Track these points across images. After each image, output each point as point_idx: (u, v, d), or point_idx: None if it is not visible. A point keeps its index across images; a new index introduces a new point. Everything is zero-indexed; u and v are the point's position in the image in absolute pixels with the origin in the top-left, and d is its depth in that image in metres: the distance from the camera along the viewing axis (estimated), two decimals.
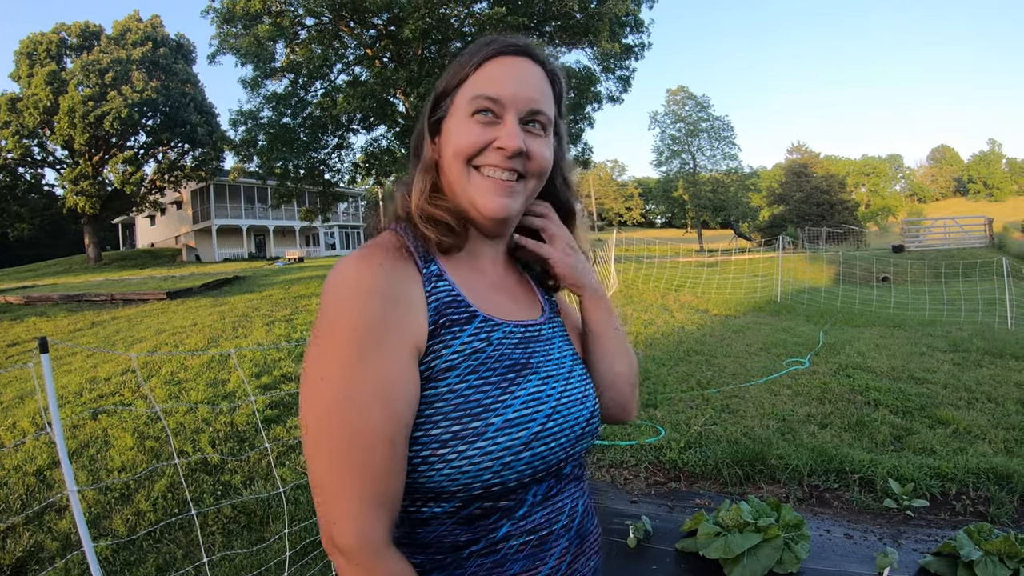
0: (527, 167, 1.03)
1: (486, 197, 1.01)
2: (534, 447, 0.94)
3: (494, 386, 0.94)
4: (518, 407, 0.94)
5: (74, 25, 36.67)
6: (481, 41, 1.07)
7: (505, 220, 1.05)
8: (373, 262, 0.93)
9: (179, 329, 10.31)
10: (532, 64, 1.04)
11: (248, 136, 21.98)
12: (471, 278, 1.07)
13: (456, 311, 0.97)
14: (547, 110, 1.04)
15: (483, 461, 0.89)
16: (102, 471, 4.87)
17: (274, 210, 38.43)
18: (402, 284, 0.93)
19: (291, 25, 20.97)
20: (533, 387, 0.99)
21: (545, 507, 1.00)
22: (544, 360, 1.05)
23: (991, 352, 8.56)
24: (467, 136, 1.00)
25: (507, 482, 0.92)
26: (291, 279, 18.38)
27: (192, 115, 36.30)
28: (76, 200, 34.39)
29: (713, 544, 3.37)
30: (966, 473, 4.28)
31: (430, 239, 1.02)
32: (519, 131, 1.00)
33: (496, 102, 1.00)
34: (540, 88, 1.04)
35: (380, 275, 0.92)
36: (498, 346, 0.99)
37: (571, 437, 1.02)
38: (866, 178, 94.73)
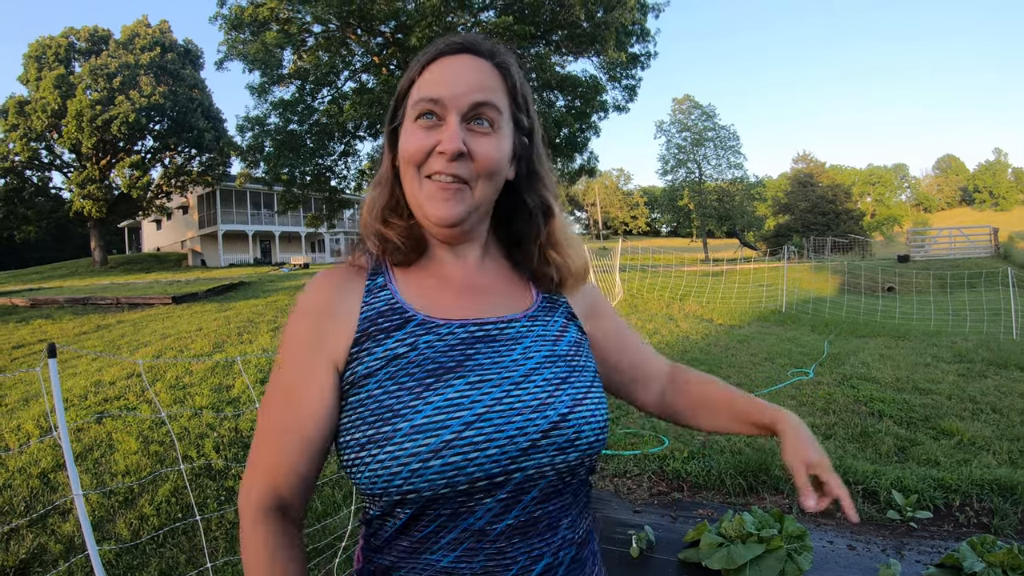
0: (471, 169, 0.99)
1: (432, 204, 1.00)
2: (445, 455, 0.89)
3: (409, 391, 0.93)
4: (429, 413, 0.91)
5: (83, 29, 36.86)
6: (429, 45, 1.07)
7: (456, 227, 1.02)
8: (326, 280, 1.08)
9: (184, 334, 10.33)
10: (475, 59, 1.02)
11: (255, 142, 22.06)
12: (429, 284, 1.08)
13: (388, 319, 1.01)
14: (495, 101, 1.00)
15: (392, 466, 0.89)
16: (106, 475, 4.88)
17: (280, 216, 38.55)
18: (339, 300, 1.04)
19: (299, 32, 21.07)
20: (453, 392, 0.93)
21: (505, 520, 0.94)
22: (486, 363, 0.98)
23: (996, 363, 8.54)
24: (412, 142, 1.00)
25: (420, 490, 0.89)
26: (296, 285, 18.40)
27: (199, 120, 36.44)
28: (83, 203, 34.52)
29: (716, 555, 3.37)
30: (970, 484, 4.27)
31: (382, 254, 1.10)
32: (459, 132, 0.97)
33: (437, 103, 0.98)
34: (483, 83, 1.00)
35: (322, 293, 1.06)
36: (424, 350, 0.97)
37: (508, 449, 0.92)
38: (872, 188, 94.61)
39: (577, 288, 1.20)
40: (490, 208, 1.09)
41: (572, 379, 1.02)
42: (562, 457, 0.96)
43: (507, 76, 1.04)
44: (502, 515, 0.94)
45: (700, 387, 1.25)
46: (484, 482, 0.91)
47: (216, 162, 38.36)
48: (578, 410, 0.99)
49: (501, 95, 1.02)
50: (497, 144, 1.01)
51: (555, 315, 1.12)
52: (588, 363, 1.09)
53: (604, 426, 1.02)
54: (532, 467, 0.94)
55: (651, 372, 1.28)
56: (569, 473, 0.99)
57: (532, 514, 0.96)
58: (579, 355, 1.08)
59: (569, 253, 1.15)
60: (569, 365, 1.04)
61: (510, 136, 1.05)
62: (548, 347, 1.05)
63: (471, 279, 1.10)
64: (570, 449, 0.97)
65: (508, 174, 1.08)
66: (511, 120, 1.05)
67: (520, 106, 1.07)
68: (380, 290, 1.05)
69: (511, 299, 1.11)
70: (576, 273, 1.16)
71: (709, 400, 1.23)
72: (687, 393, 1.25)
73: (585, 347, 1.12)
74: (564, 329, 1.11)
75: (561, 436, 0.96)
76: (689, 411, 1.25)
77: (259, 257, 45.11)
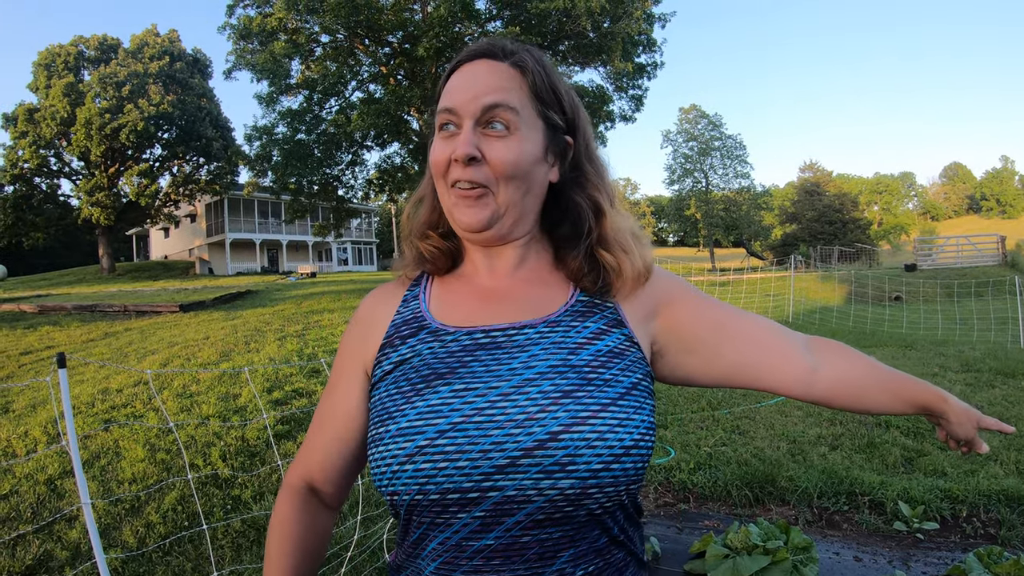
0: (487, 174, 0.96)
1: (458, 212, 0.99)
2: (418, 461, 0.88)
3: (402, 395, 0.95)
4: (412, 417, 0.91)
5: (92, 38, 37.17)
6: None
7: (483, 232, 0.99)
8: (374, 293, 1.16)
9: (192, 342, 10.37)
10: (490, 63, 1.00)
11: (263, 151, 22.14)
12: (458, 291, 1.08)
13: (409, 326, 1.04)
14: (509, 102, 0.96)
15: (380, 466, 0.92)
16: (112, 482, 4.90)
17: (287, 225, 38.71)
18: (378, 310, 1.11)
19: (307, 42, 21.16)
20: (436, 399, 0.92)
21: (483, 539, 0.89)
22: (479, 370, 0.94)
23: (1003, 372, 8.49)
24: (434, 153, 1.00)
25: (399, 492, 0.90)
26: (303, 294, 18.45)
27: (207, 129, 36.66)
28: (91, 211, 34.73)
29: (721, 566, 3.36)
30: (977, 495, 4.25)
31: (420, 265, 1.14)
32: (470, 138, 0.95)
33: (452, 112, 0.98)
34: (496, 84, 0.97)
35: (367, 305, 1.14)
36: (425, 356, 0.98)
37: (481, 464, 0.86)
38: (878, 196, 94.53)
39: (633, 291, 1.07)
40: (528, 211, 1.03)
41: (580, 394, 0.90)
42: (549, 482, 0.85)
43: (526, 74, 0.99)
44: (480, 533, 0.89)
45: (847, 366, 1.10)
46: (455, 495, 0.87)
47: (224, 171, 38.54)
48: (577, 430, 0.87)
49: (518, 95, 0.98)
50: (513, 146, 0.96)
51: (589, 320, 1.01)
52: (620, 377, 0.95)
53: (619, 453, 0.88)
54: (511, 488, 0.86)
55: (778, 355, 1.07)
56: (567, 503, 0.87)
57: (518, 539, 0.88)
58: (606, 367, 0.95)
59: (622, 254, 1.05)
60: (583, 377, 0.92)
61: (534, 136, 0.99)
62: (561, 355, 0.95)
63: (497, 285, 1.07)
64: (559, 474, 0.85)
65: (551, 175, 1.05)
66: (538, 118, 1.00)
67: (548, 102, 1.01)
68: (413, 300, 1.09)
69: (537, 305, 1.03)
70: (628, 276, 1.04)
71: (859, 380, 1.09)
72: (832, 376, 1.08)
73: (627, 359, 0.98)
74: (596, 336, 0.99)
75: (548, 457, 0.85)
76: (838, 394, 1.09)
77: (266, 266, 45.28)
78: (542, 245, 1.11)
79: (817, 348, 1.12)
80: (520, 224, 1.03)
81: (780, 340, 1.09)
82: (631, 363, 0.98)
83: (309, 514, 1.12)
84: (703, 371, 1.08)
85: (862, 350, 1.17)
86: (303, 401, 6.75)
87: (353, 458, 1.10)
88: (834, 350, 1.12)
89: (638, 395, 0.95)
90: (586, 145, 1.08)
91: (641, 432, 0.91)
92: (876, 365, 1.11)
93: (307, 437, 1.15)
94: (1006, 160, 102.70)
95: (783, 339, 1.09)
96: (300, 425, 6.05)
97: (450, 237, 1.11)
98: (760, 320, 1.12)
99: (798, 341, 1.11)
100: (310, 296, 17.57)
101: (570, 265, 1.06)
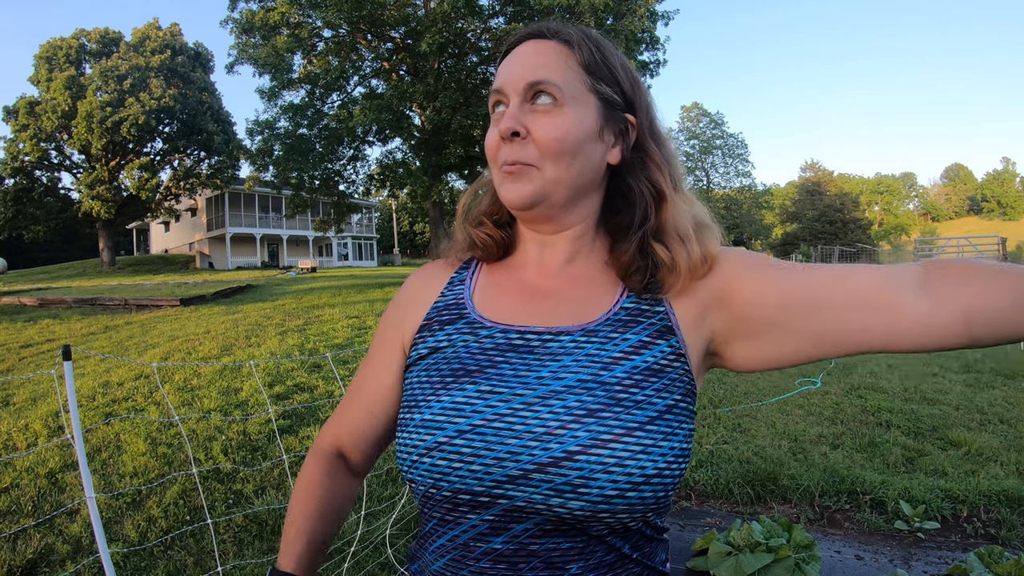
0: (532, 149, 0.91)
1: (502, 189, 0.95)
2: (434, 456, 0.87)
3: (431, 385, 0.93)
4: (435, 411, 0.90)
5: (94, 31, 37.13)
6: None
7: (530, 209, 0.95)
8: (420, 271, 1.16)
9: (192, 336, 10.36)
10: (536, 42, 0.96)
11: (264, 146, 22.10)
12: (504, 283, 1.04)
13: (449, 312, 1.02)
14: (550, 78, 0.91)
15: (403, 452, 0.92)
16: (114, 476, 4.90)
17: (288, 220, 38.63)
18: (423, 290, 1.10)
19: (309, 37, 21.10)
20: (462, 396, 0.89)
21: (490, 542, 0.87)
22: (507, 374, 0.90)
23: (1004, 373, 8.51)
24: (488, 137, 0.97)
25: (416, 482, 0.90)
26: (304, 289, 18.45)
27: (209, 123, 36.62)
28: (92, 204, 34.70)
29: (724, 564, 3.36)
30: (977, 495, 4.26)
31: (468, 250, 1.12)
32: (514, 113, 0.92)
33: (500, 93, 0.95)
34: (541, 61, 0.93)
35: (412, 283, 1.14)
36: (459, 348, 0.96)
37: (494, 471, 0.84)
38: (879, 196, 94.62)
39: (688, 286, 0.95)
40: (581, 193, 0.97)
41: (606, 414, 0.84)
42: (559, 500, 0.82)
43: (573, 48, 0.94)
44: (487, 536, 0.87)
45: (970, 294, 0.81)
46: (466, 496, 0.86)
47: (225, 165, 38.52)
48: (595, 452, 0.81)
49: (564, 71, 0.93)
50: (559, 121, 0.91)
51: (631, 331, 0.93)
52: (655, 398, 0.87)
53: (638, 482, 0.82)
54: (522, 500, 0.84)
55: (875, 311, 0.85)
56: (576, 522, 0.84)
57: (526, 546, 0.86)
58: (639, 387, 0.87)
59: (678, 245, 0.94)
60: (612, 396, 0.86)
61: (585, 112, 0.93)
62: (593, 370, 0.88)
63: (542, 282, 1.01)
64: (570, 495, 0.81)
65: (610, 157, 0.98)
66: (590, 93, 0.94)
67: (600, 76, 0.95)
68: (459, 283, 1.08)
69: (580, 308, 0.96)
70: (682, 270, 0.94)
71: (991, 308, 0.80)
72: (952, 313, 0.82)
73: (666, 377, 0.89)
74: (636, 351, 0.91)
75: (560, 476, 0.81)
76: (965, 335, 0.82)
77: (267, 260, 45.28)
78: (599, 239, 1.04)
79: (931, 278, 0.85)
80: (573, 208, 0.98)
81: (880, 290, 0.86)
82: (670, 382, 0.89)
83: (334, 479, 1.12)
84: (786, 351, 0.93)
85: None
86: (304, 396, 6.75)
87: (384, 431, 1.11)
88: (956, 278, 0.83)
89: (671, 419, 0.87)
90: (650, 124, 1.01)
91: (668, 460, 0.84)
92: (1014, 279, 0.80)
93: (343, 402, 1.15)
94: (1007, 162, 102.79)
95: (882, 286, 0.86)
96: (302, 420, 6.05)
97: (505, 227, 1.08)
98: (849, 272, 0.90)
99: (905, 279, 0.86)
100: (310, 291, 17.58)
101: (620, 260, 0.98)
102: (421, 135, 22.05)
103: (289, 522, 1.08)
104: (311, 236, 46.73)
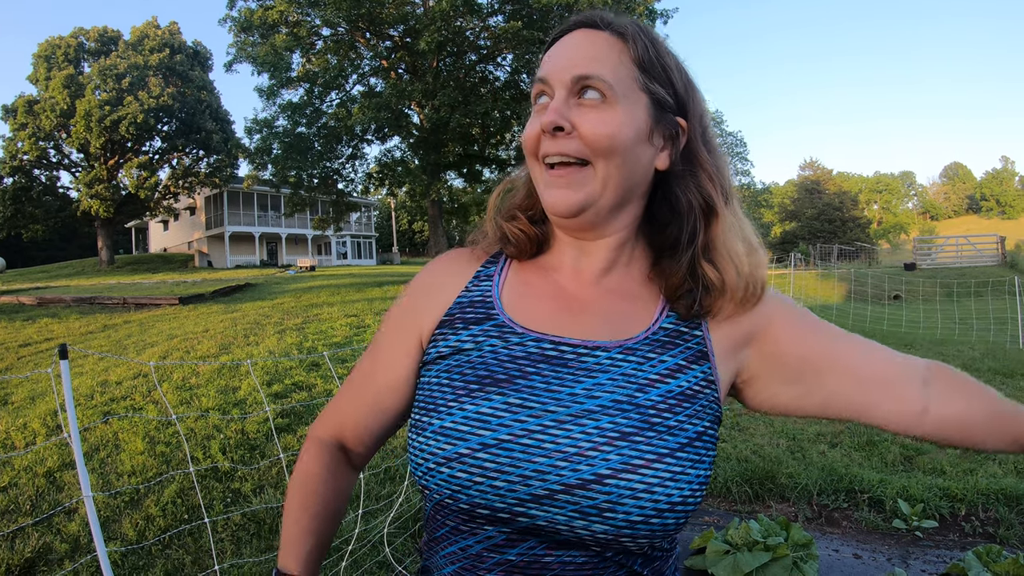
0: (579, 146, 0.86)
1: (548, 193, 0.90)
2: (454, 468, 0.83)
3: (453, 390, 0.88)
4: (457, 419, 0.85)
5: (92, 30, 37.09)
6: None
7: (575, 217, 0.89)
8: (443, 259, 1.07)
9: (191, 335, 10.35)
10: (587, 32, 0.90)
11: (263, 144, 22.06)
12: (535, 285, 0.99)
13: (475, 310, 0.96)
14: (600, 72, 0.86)
15: (418, 457, 0.88)
16: (112, 475, 4.89)
17: (287, 218, 38.63)
18: (445, 280, 1.03)
19: (308, 35, 21.08)
20: (487, 407, 0.85)
21: (505, 554, 0.85)
22: (539, 387, 0.86)
23: (1002, 372, 8.51)
24: (527, 128, 0.91)
25: (431, 489, 0.87)
26: (303, 287, 18.43)
27: (207, 122, 36.62)
28: (90, 203, 34.67)
29: (722, 562, 3.37)
30: (975, 494, 4.26)
31: (497, 244, 1.06)
32: (560, 106, 0.86)
33: (544, 82, 0.89)
34: (590, 53, 0.87)
35: (432, 272, 1.06)
36: (485, 353, 0.90)
37: (519, 489, 0.81)
38: (878, 195, 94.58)
39: (736, 312, 0.94)
40: (627, 200, 0.92)
41: (639, 438, 0.82)
42: (583, 523, 0.80)
43: (627, 42, 0.89)
44: (502, 548, 0.85)
45: (963, 407, 0.92)
46: (485, 511, 0.83)
47: (224, 163, 38.51)
48: (626, 477, 0.80)
49: (615, 66, 0.87)
50: (608, 118, 0.85)
51: (668, 353, 0.90)
52: (686, 424, 0.86)
53: (663, 509, 0.80)
54: (543, 520, 0.82)
55: (888, 394, 0.93)
56: (596, 544, 0.83)
57: (540, 558, 0.84)
58: (672, 412, 0.86)
59: (730, 268, 0.91)
60: (646, 420, 0.84)
61: (636, 111, 0.88)
62: (628, 391, 0.86)
63: (579, 293, 0.96)
64: (595, 518, 0.80)
65: (658, 162, 0.93)
66: (641, 92, 0.89)
67: (653, 75, 0.90)
68: (485, 279, 1.01)
69: (618, 323, 0.93)
70: (733, 296, 0.92)
71: (970, 422, 0.92)
72: (942, 416, 0.92)
73: (698, 403, 0.89)
74: (672, 374, 0.89)
75: (588, 500, 0.79)
76: (944, 435, 0.93)
77: (265, 259, 45.26)
78: (639, 249, 1.00)
79: (935, 381, 0.94)
80: (618, 215, 0.93)
81: (894, 376, 0.93)
82: (701, 408, 0.89)
83: (335, 474, 1.06)
84: (799, 403, 0.97)
85: None
86: (303, 395, 6.74)
87: (389, 425, 1.05)
88: (954, 387, 0.94)
89: (700, 447, 0.86)
90: (703, 131, 0.96)
91: (692, 488, 0.83)
92: (995, 403, 0.92)
93: (342, 391, 1.08)
94: (1006, 160, 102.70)
95: (898, 374, 0.94)
96: (300, 419, 6.05)
97: (539, 223, 1.02)
98: (872, 350, 0.96)
99: (916, 374, 0.94)
100: (309, 290, 17.55)
101: (669, 280, 0.94)
102: (420, 133, 22.02)
103: (292, 519, 1.02)
104: (310, 235, 46.68)
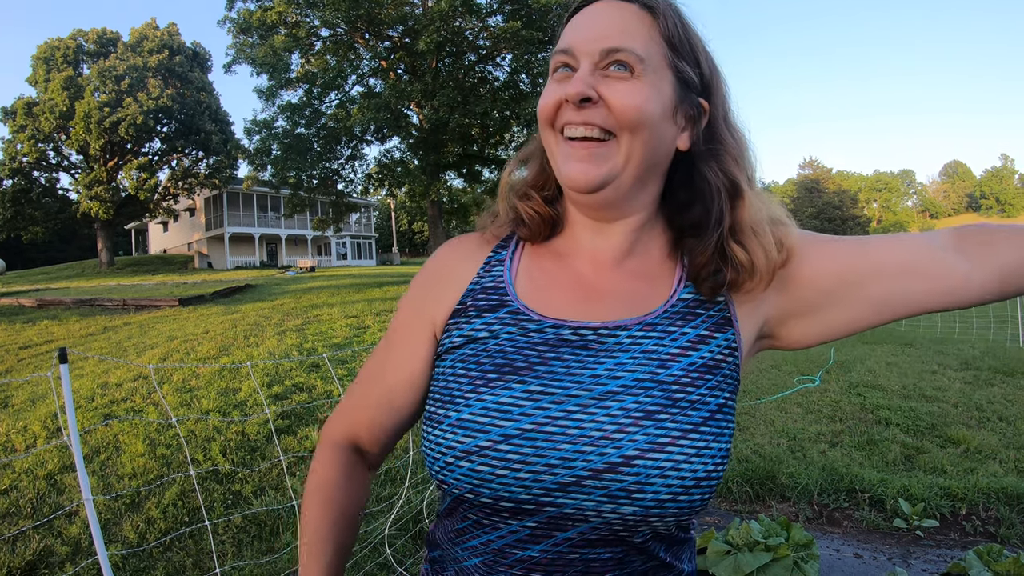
0: (606, 117, 0.83)
1: (568, 165, 0.85)
2: (475, 461, 0.81)
3: (469, 381, 0.86)
4: (476, 411, 0.83)
5: (91, 31, 37.13)
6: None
7: (596, 192, 0.86)
8: (452, 245, 1.04)
9: (191, 336, 10.36)
10: (618, 3, 0.86)
11: (262, 145, 22.07)
12: (549, 269, 0.96)
13: (488, 297, 0.93)
14: (631, 46, 0.83)
15: (434, 451, 0.85)
16: (112, 477, 4.89)
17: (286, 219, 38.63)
18: (456, 267, 0.99)
19: (307, 36, 21.08)
20: (507, 396, 0.83)
21: (528, 550, 0.84)
22: (560, 372, 0.84)
23: (1003, 371, 8.51)
24: (544, 97, 0.88)
25: (450, 484, 0.84)
26: (303, 288, 18.44)
27: (207, 123, 36.63)
28: (90, 205, 34.70)
29: (723, 563, 3.36)
30: (976, 493, 4.26)
31: (510, 225, 1.02)
32: (586, 76, 0.83)
33: (568, 53, 0.86)
34: (619, 25, 0.84)
35: (443, 259, 1.02)
36: (502, 340, 0.88)
37: (545, 479, 0.79)
38: (878, 194, 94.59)
39: (761, 284, 0.92)
40: (649, 178, 0.90)
41: (663, 415, 0.81)
42: (612, 507, 0.79)
43: (657, 17, 0.86)
44: (526, 543, 0.83)
45: (995, 255, 0.88)
46: (509, 504, 0.82)
47: (223, 164, 38.53)
48: (653, 456, 0.78)
49: (645, 41, 0.84)
50: (637, 89, 0.83)
51: (691, 324, 0.89)
52: (708, 397, 0.85)
53: (690, 485, 0.79)
54: (571, 507, 0.80)
55: (927, 276, 0.89)
56: (624, 528, 0.81)
57: (564, 555, 0.83)
58: (695, 385, 0.85)
59: (758, 247, 0.89)
60: (669, 397, 0.83)
61: (663, 87, 0.85)
62: (650, 368, 0.84)
63: (598, 278, 0.94)
64: (624, 500, 0.78)
65: (679, 142, 0.90)
66: (668, 69, 0.86)
67: (681, 52, 0.87)
68: (497, 264, 0.98)
69: (637, 301, 0.91)
70: (762, 272, 0.90)
71: (1012, 267, 0.87)
72: (985, 276, 0.88)
73: (720, 374, 0.87)
74: (693, 346, 0.87)
75: (616, 483, 0.78)
76: (993, 290, 0.88)
77: (265, 260, 45.25)
78: (658, 230, 0.97)
79: (965, 244, 0.90)
80: (639, 193, 0.91)
81: (927, 257, 0.90)
82: (723, 379, 0.87)
83: (351, 478, 1.03)
84: (838, 323, 0.94)
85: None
86: (303, 396, 6.74)
87: (404, 422, 1.01)
88: (983, 241, 0.89)
89: (721, 419, 0.85)
90: (725, 113, 0.94)
91: (716, 462, 0.82)
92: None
93: (354, 388, 1.04)
94: (1006, 159, 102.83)
95: (930, 254, 0.90)
96: (300, 420, 6.05)
97: (553, 203, 0.99)
98: (898, 239, 0.93)
99: (946, 248, 0.90)
100: (309, 290, 17.57)
101: (695, 259, 0.92)
102: (419, 134, 22.02)
103: (311, 528, 1.00)
104: (310, 235, 46.68)
